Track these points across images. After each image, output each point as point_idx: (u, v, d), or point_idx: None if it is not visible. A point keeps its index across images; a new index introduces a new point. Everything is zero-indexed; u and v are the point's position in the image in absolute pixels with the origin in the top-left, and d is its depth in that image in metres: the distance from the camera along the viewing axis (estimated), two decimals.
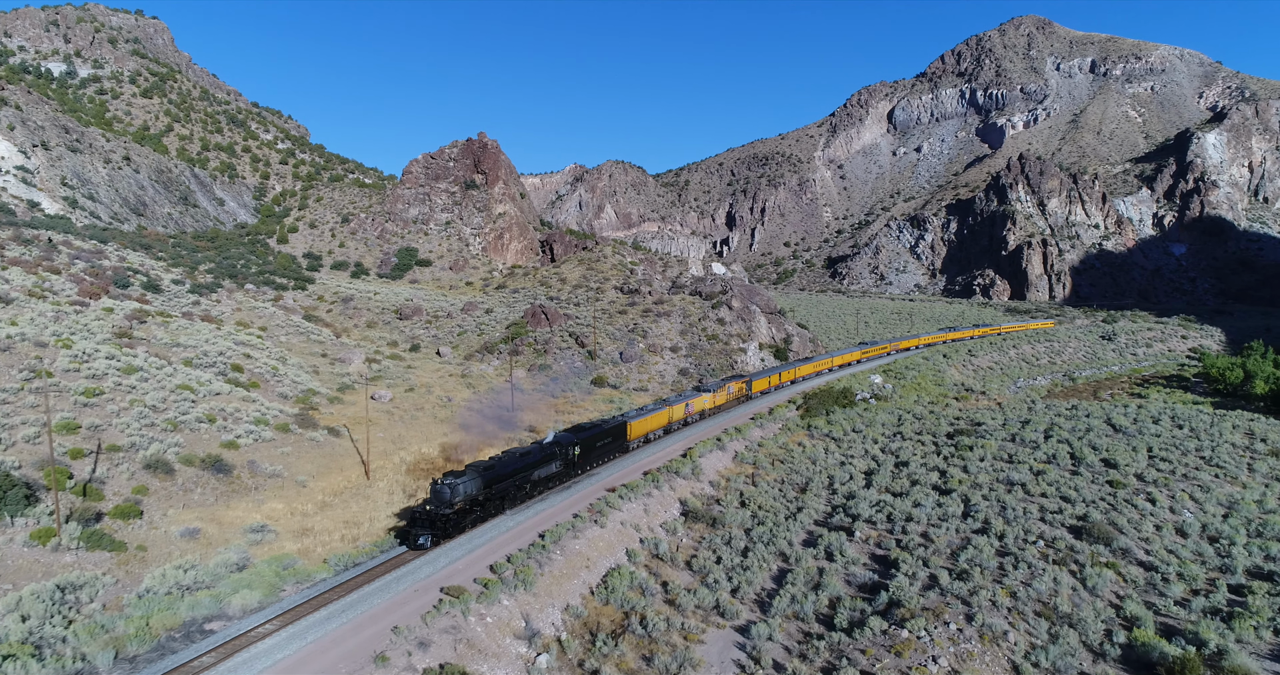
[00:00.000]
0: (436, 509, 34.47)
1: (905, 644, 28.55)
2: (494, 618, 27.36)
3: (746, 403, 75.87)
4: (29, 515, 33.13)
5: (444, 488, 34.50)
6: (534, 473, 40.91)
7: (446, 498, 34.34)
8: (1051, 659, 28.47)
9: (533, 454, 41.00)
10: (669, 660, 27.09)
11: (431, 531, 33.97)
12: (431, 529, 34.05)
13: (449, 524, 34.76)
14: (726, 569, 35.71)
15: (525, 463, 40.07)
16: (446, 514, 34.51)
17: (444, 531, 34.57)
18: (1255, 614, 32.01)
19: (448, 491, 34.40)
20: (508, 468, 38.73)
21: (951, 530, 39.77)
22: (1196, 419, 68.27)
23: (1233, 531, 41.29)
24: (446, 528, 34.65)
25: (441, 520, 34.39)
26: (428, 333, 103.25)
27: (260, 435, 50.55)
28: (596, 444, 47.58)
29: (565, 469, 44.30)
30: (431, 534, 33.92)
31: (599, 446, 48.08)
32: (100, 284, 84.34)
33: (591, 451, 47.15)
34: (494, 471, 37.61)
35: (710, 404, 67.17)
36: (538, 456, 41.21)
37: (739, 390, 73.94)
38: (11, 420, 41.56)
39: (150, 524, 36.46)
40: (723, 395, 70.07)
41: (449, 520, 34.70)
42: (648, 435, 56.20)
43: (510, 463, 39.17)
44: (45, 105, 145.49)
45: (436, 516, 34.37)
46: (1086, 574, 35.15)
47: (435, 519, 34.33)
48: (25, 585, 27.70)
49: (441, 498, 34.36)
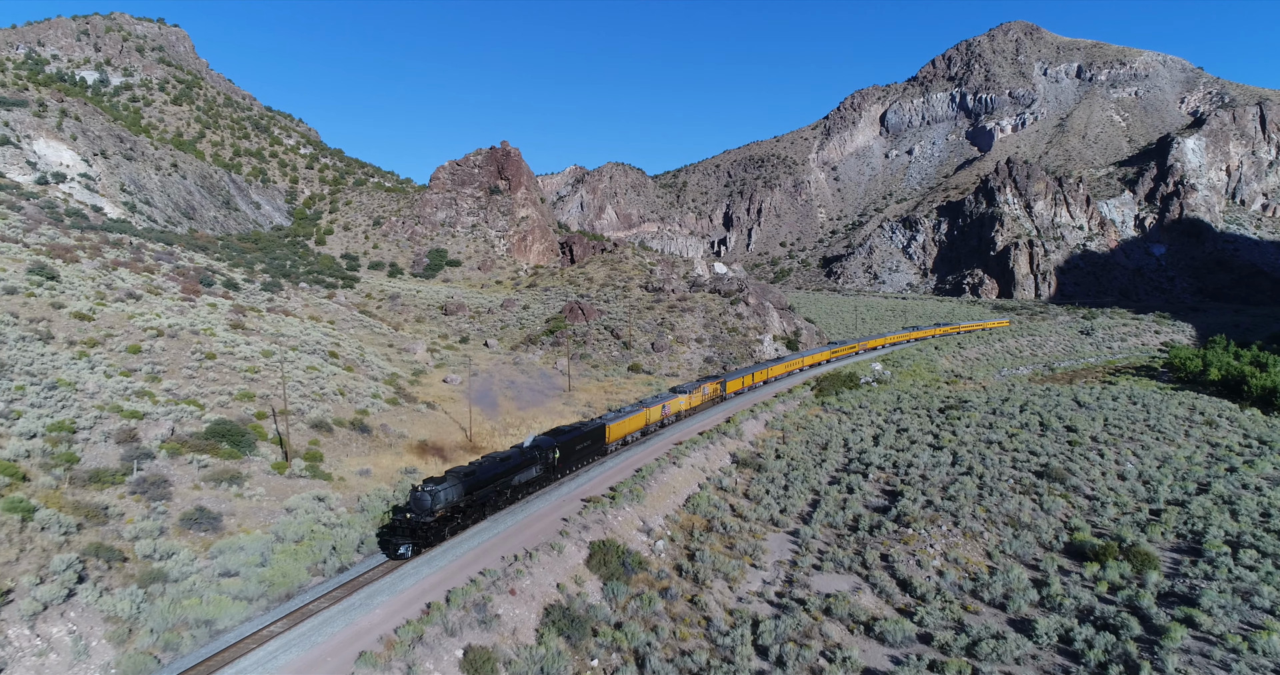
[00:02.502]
0: (417, 517, 32.72)
1: (910, 537, 40.21)
2: (622, 517, 38.85)
3: (722, 403, 76.38)
4: (255, 455, 44.35)
5: (424, 495, 32.85)
6: (514, 478, 40.17)
7: (427, 505, 32.77)
8: (1014, 549, 40.16)
9: (513, 459, 40.23)
10: (745, 546, 38.66)
11: (412, 540, 32.70)
12: (412, 538, 32.69)
13: (430, 532, 33.15)
14: (774, 497, 47.28)
15: (506, 468, 39.24)
16: (427, 522, 32.88)
17: (425, 540, 33.04)
18: (1164, 524, 43.79)
19: (428, 499, 32.83)
20: (488, 473, 37.77)
21: (943, 473, 51.48)
22: (1149, 397, 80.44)
23: (1162, 476, 53.10)
24: (427, 536, 33.06)
25: (422, 529, 32.81)
26: (472, 326, 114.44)
27: (379, 406, 61.86)
28: (576, 447, 47.05)
29: (545, 473, 43.58)
30: (412, 543, 32.72)
31: (578, 450, 47.60)
32: (191, 283, 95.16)
33: (571, 455, 46.54)
34: (475, 477, 36.44)
35: (686, 405, 67.18)
36: (518, 461, 40.43)
37: (714, 391, 74.41)
38: (204, 389, 52.66)
39: (333, 465, 47.70)
40: (698, 396, 70.20)
41: (430, 528, 33.09)
42: (626, 437, 55.32)
43: (491, 468, 38.20)
44: (100, 116, 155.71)
45: (417, 525, 32.72)
46: (1044, 501, 46.86)
47: (416, 527, 32.72)
48: (289, 497, 38.96)
49: (422, 505, 32.72)
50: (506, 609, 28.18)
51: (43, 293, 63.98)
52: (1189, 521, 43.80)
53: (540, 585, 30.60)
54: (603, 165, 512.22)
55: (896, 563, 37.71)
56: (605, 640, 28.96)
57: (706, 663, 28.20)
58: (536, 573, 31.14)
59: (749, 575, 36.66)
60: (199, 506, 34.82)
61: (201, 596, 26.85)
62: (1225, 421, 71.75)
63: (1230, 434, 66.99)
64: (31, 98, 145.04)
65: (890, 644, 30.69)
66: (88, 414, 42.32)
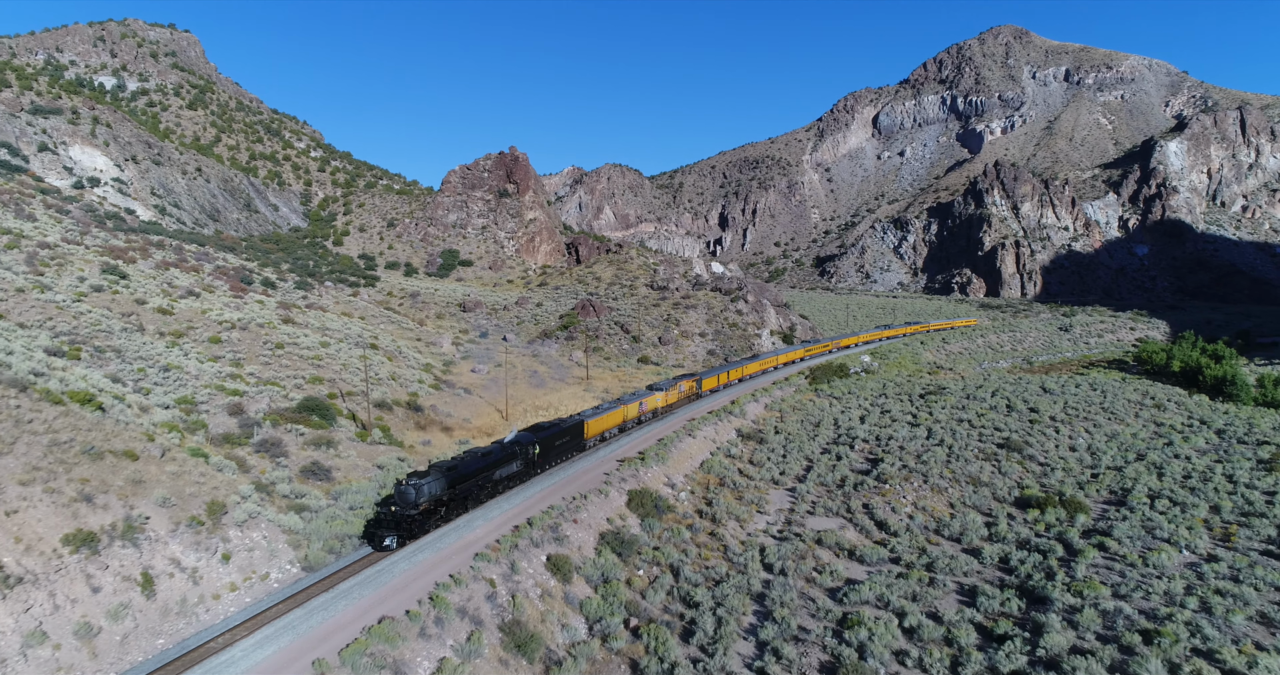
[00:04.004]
0: (402, 510, 33.61)
1: (887, 491, 48.80)
2: (651, 474, 47.29)
3: (697, 401, 77.77)
4: (338, 426, 52.62)
5: (409, 489, 33.67)
6: (496, 472, 40.89)
7: (411, 499, 33.59)
8: (972, 501, 48.78)
9: (494, 454, 40.92)
10: (752, 497, 47.20)
11: (397, 532, 33.35)
12: (397, 530, 33.40)
13: (414, 525, 34.03)
14: (774, 463, 55.79)
15: (487, 462, 39.95)
16: (412, 515, 33.75)
17: (409, 532, 33.86)
18: (1100, 483, 52.49)
19: (413, 492, 33.64)
20: (470, 468, 38.41)
21: (918, 444, 60.11)
22: (1108, 385, 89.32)
23: (1107, 448, 61.85)
24: (412, 529, 33.95)
25: (407, 521, 33.64)
26: (490, 322, 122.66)
27: (425, 389, 70.15)
28: (555, 443, 47.82)
29: (526, 468, 44.28)
30: (397, 535, 33.33)
31: (558, 445, 48.35)
32: (234, 281, 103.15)
33: (551, 450, 47.30)
34: (457, 472, 37.16)
35: (663, 402, 68.64)
36: (499, 456, 41.14)
37: (689, 389, 75.74)
38: (280, 374, 60.86)
39: (400, 437, 56.01)
40: (674, 394, 71.44)
41: (414, 521, 33.95)
42: (604, 433, 56.06)
43: (473, 463, 38.89)
44: (128, 122, 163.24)
45: (402, 518, 33.56)
46: (1002, 466, 55.51)
47: (401, 520, 33.53)
48: (376, 458, 47.27)
49: (406, 499, 33.56)
50: (572, 532, 36.62)
51: (122, 290, 72.03)
52: (1121, 482, 52.51)
53: (594, 518, 39.05)
54: (601, 166, 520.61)
55: (875, 510, 46.26)
56: (646, 557, 37.47)
57: (726, 573, 36.70)
58: (590, 510, 39.58)
59: (756, 518, 45.19)
60: (313, 462, 43.12)
61: (345, 520, 35.18)
62: (1173, 405, 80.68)
63: (1175, 415, 75.85)
64: (65, 106, 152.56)
65: (867, 563, 39.22)
66: (200, 392, 50.52)
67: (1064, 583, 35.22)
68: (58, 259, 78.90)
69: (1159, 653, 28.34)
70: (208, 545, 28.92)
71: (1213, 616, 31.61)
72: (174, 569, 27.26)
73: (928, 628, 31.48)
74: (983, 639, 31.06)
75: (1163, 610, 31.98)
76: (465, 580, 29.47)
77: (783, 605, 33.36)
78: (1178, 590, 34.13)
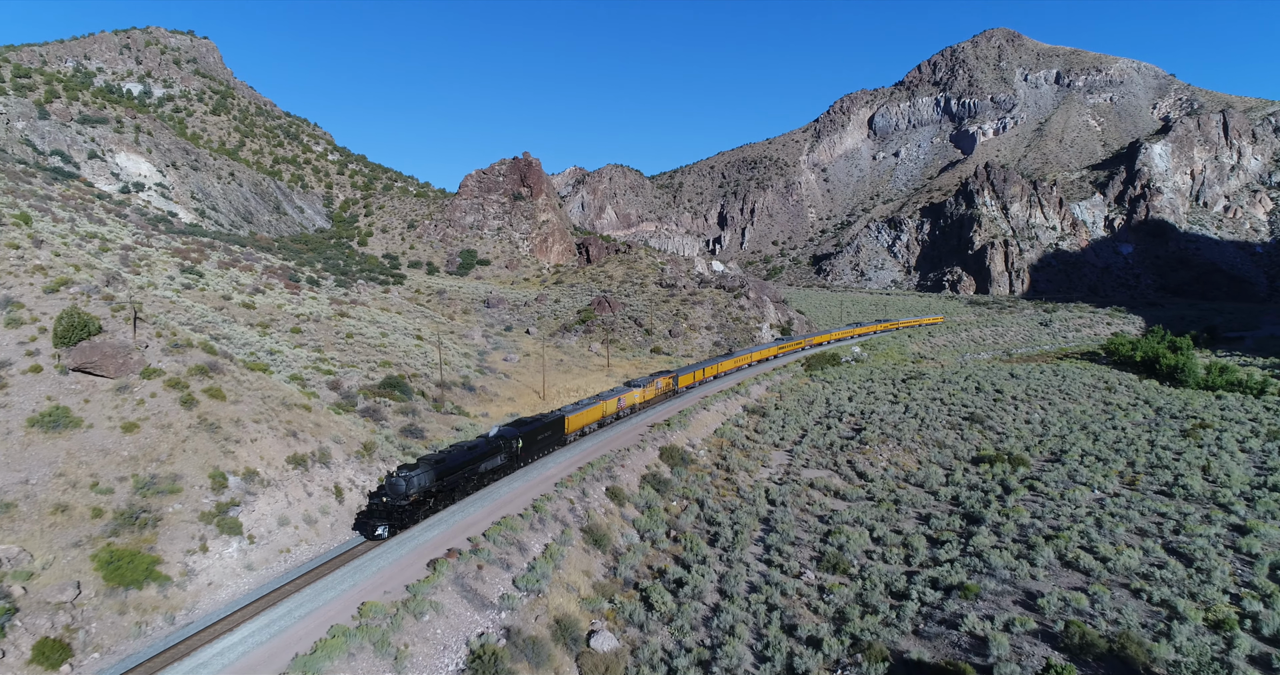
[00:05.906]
0: (392, 501, 35.09)
1: (867, 451, 59.98)
2: (675, 437, 58.46)
3: (675, 397, 79.18)
4: (415, 400, 63.63)
5: (399, 480, 35.20)
6: (481, 465, 42.35)
7: (402, 490, 35.11)
8: (936, 459, 59.99)
9: (480, 447, 42.51)
10: (758, 455, 58.42)
11: (388, 522, 34.81)
12: (388, 519, 34.86)
13: (404, 515, 35.54)
14: (775, 431, 66.96)
15: (473, 455, 41.61)
16: (402, 505, 35.33)
17: (400, 522, 35.37)
18: (1044, 446, 63.68)
19: (403, 484, 35.14)
20: (458, 461, 39.95)
21: (895, 416, 71.32)
22: (1069, 371, 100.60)
23: (1058, 421, 73.04)
24: (402, 518, 35.44)
25: (397, 511, 35.20)
26: (513, 317, 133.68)
27: (472, 373, 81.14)
28: (538, 437, 49.40)
29: (509, 461, 45.77)
30: (389, 524, 34.80)
31: (540, 439, 49.85)
32: (285, 280, 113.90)
33: (533, 444, 48.93)
34: (445, 464, 38.70)
35: (640, 398, 69.94)
36: (484, 449, 42.73)
37: (666, 385, 76.96)
38: (355, 358, 71.78)
39: (460, 411, 67.02)
40: (651, 390, 72.83)
41: (404, 511, 35.50)
42: (584, 428, 57.50)
43: (459, 456, 40.47)
44: (167, 130, 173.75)
45: (393, 508, 35.06)
46: (965, 433, 66.70)
47: (391, 510, 35.03)
48: (454, 423, 58.29)
49: (397, 490, 35.06)
50: (621, 473, 47.74)
51: (206, 288, 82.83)
52: (1062, 445, 63.71)
53: (636, 465, 50.20)
54: (602, 167, 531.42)
55: (857, 464, 57.43)
56: (678, 493, 48.63)
57: (739, 505, 47.83)
58: (632, 459, 50.71)
59: (761, 470, 56.37)
60: (409, 424, 54.15)
61: None
62: (1124, 388, 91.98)
63: (1123, 397, 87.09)
64: (110, 115, 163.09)
65: (848, 500, 50.39)
66: (303, 371, 61.43)
67: (996, 510, 46.37)
68: (144, 260, 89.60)
69: (1054, 547, 39.48)
70: (369, 471, 39.99)
71: (1101, 529, 42.76)
72: (351, 485, 38.31)
73: (890, 538, 42.64)
74: (930, 545, 42.21)
75: (1065, 525, 43.14)
76: (553, 497, 40.59)
77: (783, 523, 44.51)
78: (1081, 514, 45.30)
